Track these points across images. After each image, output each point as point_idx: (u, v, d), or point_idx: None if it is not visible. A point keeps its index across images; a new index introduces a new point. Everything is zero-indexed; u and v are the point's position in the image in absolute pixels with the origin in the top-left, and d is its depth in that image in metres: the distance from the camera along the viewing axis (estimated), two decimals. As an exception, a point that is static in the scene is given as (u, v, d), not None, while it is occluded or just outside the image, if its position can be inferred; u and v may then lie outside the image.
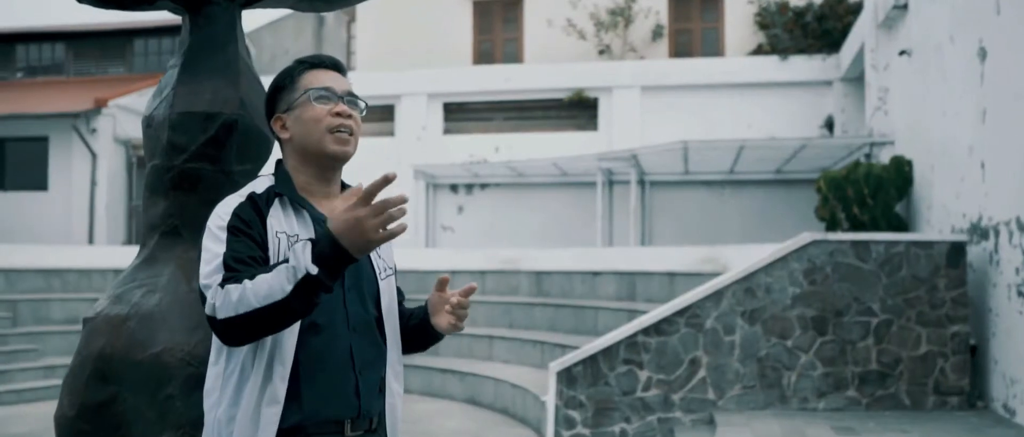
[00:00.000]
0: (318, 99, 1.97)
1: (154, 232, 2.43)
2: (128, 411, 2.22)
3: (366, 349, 1.98)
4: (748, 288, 7.84)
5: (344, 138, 1.98)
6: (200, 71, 2.41)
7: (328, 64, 2.05)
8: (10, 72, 21.00)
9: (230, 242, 1.83)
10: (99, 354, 2.22)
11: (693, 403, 7.76)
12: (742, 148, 12.89)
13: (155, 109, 2.41)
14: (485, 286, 13.44)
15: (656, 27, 17.28)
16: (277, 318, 1.72)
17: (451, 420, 9.63)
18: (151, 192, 2.43)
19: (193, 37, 2.46)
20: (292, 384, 1.86)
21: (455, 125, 17.37)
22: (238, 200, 1.93)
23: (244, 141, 2.40)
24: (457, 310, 2.05)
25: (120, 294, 2.37)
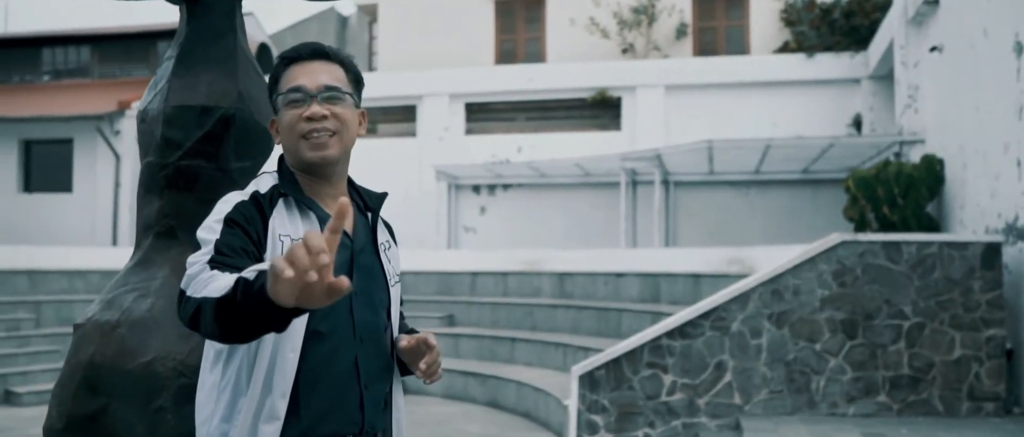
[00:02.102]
0: (289, 103, 1.82)
1: (148, 233, 2.31)
2: (118, 423, 2.10)
3: (373, 360, 1.84)
4: (775, 290, 7.64)
5: (319, 142, 1.80)
6: (196, 63, 2.28)
7: (305, 55, 1.86)
8: (36, 75, 21.15)
9: (224, 233, 1.69)
10: (89, 363, 2.11)
11: (719, 408, 7.57)
12: (768, 147, 12.67)
13: (149, 103, 2.29)
14: (507, 287, 13.32)
15: (680, 25, 17.07)
16: (227, 313, 1.47)
17: (472, 424, 9.50)
18: (145, 191, 2.31)
19: (189, 27, 2.34)
20: (292, 397, 1.72)
21: (477, 125, 17.26)
22: (240, 197, 1.80)
23: (243, 136, 2.27)
24: (428, 369, 1.88)
25: (111, 299, 2.25)
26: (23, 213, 18.18)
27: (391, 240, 2.01)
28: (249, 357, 1.71)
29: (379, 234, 1.93)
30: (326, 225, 1.39)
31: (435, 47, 18.24)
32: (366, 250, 1.88)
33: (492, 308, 12.76)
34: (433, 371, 1.87)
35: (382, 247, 1.92)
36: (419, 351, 1.86)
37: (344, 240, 1.82)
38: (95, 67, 20.67)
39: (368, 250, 1.89)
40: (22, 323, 12.12)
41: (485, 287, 13.52)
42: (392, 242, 2.01)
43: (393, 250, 1.99)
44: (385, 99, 17.41)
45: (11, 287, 12.66)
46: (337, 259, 1.77)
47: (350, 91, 1.87)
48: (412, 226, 16.51)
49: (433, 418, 9.73)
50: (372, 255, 1.89)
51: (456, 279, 13.72)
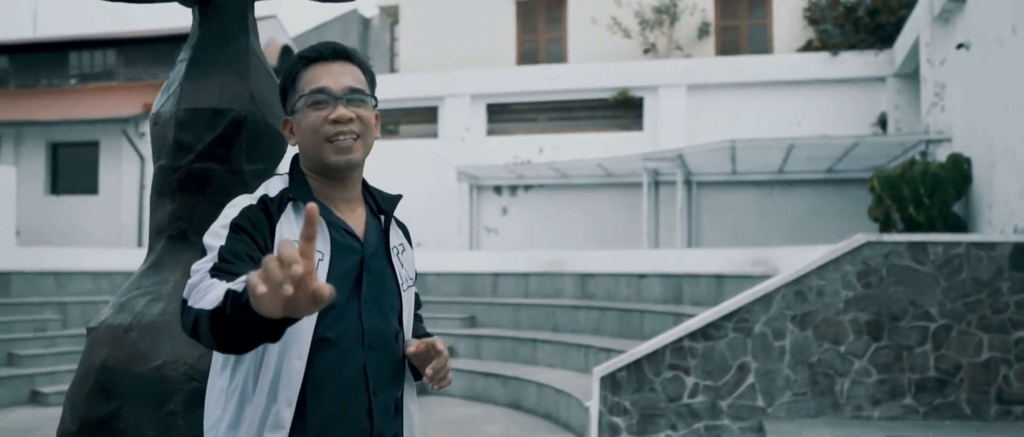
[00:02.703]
0: (312, 105, 1.77)
1: (161, 236, 2.30)
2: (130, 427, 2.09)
3: (383, 367, 1.80)
4: (799, 291, 7.56)
5: (344, 146, 1.77)
6: (208, 65, 2.26)
7: (327, 56, 1.81)
8: (64, 79, 21.40)
9: (230, 239, 1.66)
10: (101, 366, 2.10)
11: (741, 410, 7.50)
12: (792, 147, 12.55)
13: (162, 106, 2.28)
14: (529, 288, 13.29)
15: (702, 24, 16.96)
16: (219, 326, 1.44)
17: (493, 425, 9.48)
18: (158, 194, 2.30)
19: (201, 30, 2.32)
20: (298, 404, 1.69)
21: (499, 126, 17.24)
22: (248, 201, 1.76)
23: (255, 139, 2.26)
24: (435, 375, 1.83)
25: (124, 302, 2.25)
26: (50, 215, 18.39)
27: (406, 243, 1.96)
28: (255, 364, 1.69)
29: (392, 237, 1.89)
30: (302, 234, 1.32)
31: (457, 48, 18.25)
32: (377, 254, 1.84)
33: (514, 309, 12.73)
34: (441, 377, 1.83)
35: (395, 251, 1.88)
36: (427, 356, 1.82)
37: (354, 244, 1.79)
38: (121, 70, 20.88)
39: (379, 254, 1.85)
40: (49, 324, 12.25)
41: (507, 288, 13.50)
42: (407, 245, 1.96)
43: (407, 253, 1.94)
44: (407, 100, 17.45)
45: (38, 288, 12.80)
46: (347, 263, 1.75)
47: (370, 93, 1.84)
48: (434, 227, 16.52)
49: (454, 419, 9.72)
50: (383, 259, 1.85)
51: (478, 280, 13.71)
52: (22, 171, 18.00)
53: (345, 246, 1.77)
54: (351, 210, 1.86)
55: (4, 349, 11.32)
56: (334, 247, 1.75)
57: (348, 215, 1.84)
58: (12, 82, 21.70)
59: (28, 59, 21.58)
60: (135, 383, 2.09)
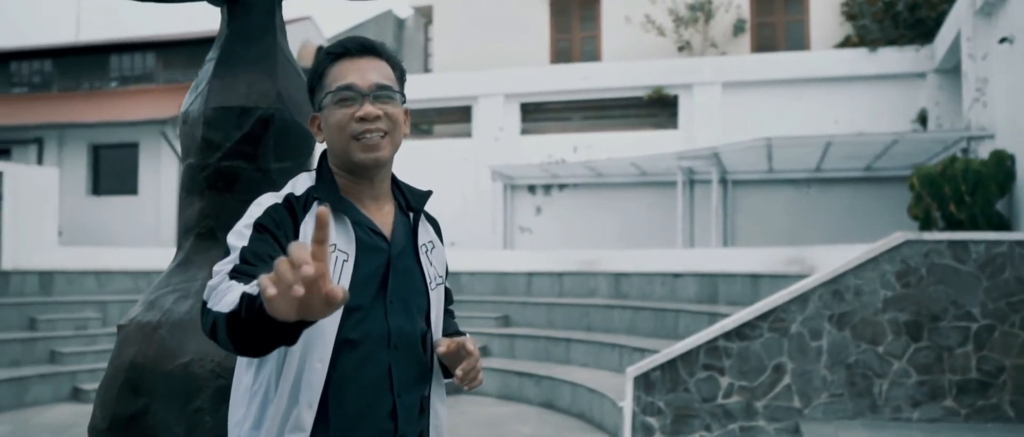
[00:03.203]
0: (339, 102, 1.75)
1: (189, 234, 2.31)
2: (158, 424, 2.11)
3: (408, 368, 1.77)
4: (836, 291, 7.45)
5: (372, 143, 1.74)
6: (236, 64, 2.27)
7: (354, 51, 1.78)
8: (105, 82, 21.76)
9: (252, 239, 1.64)
10: (131, 364, 2.12)
11: (777, 411, 7.41)
12: (829, 145, 12.37)
13: (190, 105, 2.29)
14: (563, 288, 13.26)
15: (737, 21, 16.79)
16: (235, 329, 1.42)
17: (526, 425, 9.46)
18: (186, 192, 2.31)
19: (230, 29, 2.33)
20: (322, 405, 1.67)
21: (533, 125, 17.22)
22: (273, 200, 1.73)
23: (282, 137, 2.26)
24: (466, 376, 1.78)
25: (153, 300, 2.27)
26: (91, 215, 18.72)
27: (436, 239, 1.93)
28: (278, 364, 1.68)
29: (421, 235, 1.86)
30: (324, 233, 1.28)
31: (490, 47, 18.25)
32: (404, 253, 1.81)
33: (548, 308, 12.70)
34: (472, 378, 1.78)
35: (423, 248, 1.85)
36: (458, 356, 1.78)
37: (380, 244, 1.76)
38: (160, 73, 21.18)
39: (407, 253, 1.82)
40: (89, 322, 12.45)
41: (541, 287, 13.48)
42: (437, 241, 1.93)
43: (437, 250, 1.91)
44: (440, 100, 17.49)
45: (79, 287, 13.02)
46: (373, 263, 1.73)
47: (399, 89, 1.81)
48: (468, 227, 16.55)
49: (487, 419, 9.72)
50: (411, 258, 1.82)
51: (511, 279, 13.70)
52: (65, 172, 18.34)
53: (371, 246, 1.75)
54: (379, 208, 1.83)
55: (47, 347, 11.53)
56: (359, 247, 1.73)
57: (376, 213, 1.82)
58: (55, 85, 22.12)
59: (70, 62, 21.99)
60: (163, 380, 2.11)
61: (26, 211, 12.99)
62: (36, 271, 12.73)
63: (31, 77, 22.50)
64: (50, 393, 10.78)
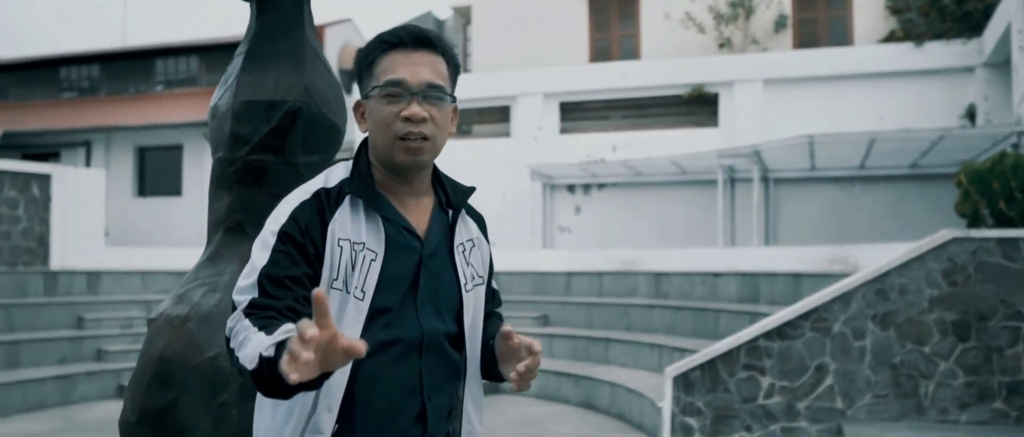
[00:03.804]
0: (386, 97, 1.67)
1: (218, 228, 2.32)
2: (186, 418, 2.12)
3: (439, 369, 1.72)
4: (880, 290, 7.29)
5: (413, 146, 1.67)
6: (264, 58, 2.27)
7: (408, 42, 1.69)
8: (150, 85, 22.16)
9: (274, 254, 1.61)
10: (160, 357, 2.13)
11: (819, 412, 7.28)
12: (873, 141, 12.14)
13: (219, 99, 2.30)
14: (602, 287, 13.19)
15: (779, 17, 16.57)
16: (262, 384, 1.47)
17: (564, 425, 9.42)
18: (215, 187, 2.32)
19: (258, 23, 2.33)
20: (346, 407, 1.64)
21: (572, 124, 17.16)
22: (302, 197, 1.69)
23: (309, 130, 2.25)
24: (523, 377, 1.68)
25: (183, 294, 2.28)
26: (137, 216, 19.07)
27: (478, 238, 1.86)
28: None
29: (459, 233, 1.79)
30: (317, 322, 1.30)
31: (529, 47, 18.23)
32: (438, 252, 1.75)
33: (587, 308, 12.64)
34: (528, 378, 1.68)
35: (460, 248, 1.78)
36: (519, 354, 1.68)
37: (412, 243, 1.71)
38: (203, 76, 21.51)
39: (441, 252, 1.75)
40: (135, 321, 12.66)
41: (580, 287, 13.42)
42: (478, 240, 1.86)
43: (476, 250, 1.83)
44: (480, 100, 17.50)
45: (125, 286, 13.25)
46: (404, 262, 1.68)
47: (450, 90, 1.74)
48: (507, 226, 16.54)
49: (526, 418, 9.69)
50: (444, 257, 1.76)
51: (551, 279, 13.66)
52: (111, 174, 18.70)
53: (402, 245, 1.70)
54: (416, 204, 1.77)
55: (93, 345, 11.75)
56: (389, 245, 1.68)
57: (412, 209, 1.76)
58: (103, 89, 22.58)
59: (117, 67, 22.44)
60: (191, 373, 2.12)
61: (74, 212, 13.26)
62: (83, 271, 12.98)
63: (80, 82, 23.00)
64: (97, 390, 10.98)
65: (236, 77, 2.27)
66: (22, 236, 12.64)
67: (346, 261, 1.63)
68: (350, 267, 1.63)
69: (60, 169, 13.36)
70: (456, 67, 1.79)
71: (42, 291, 12.41)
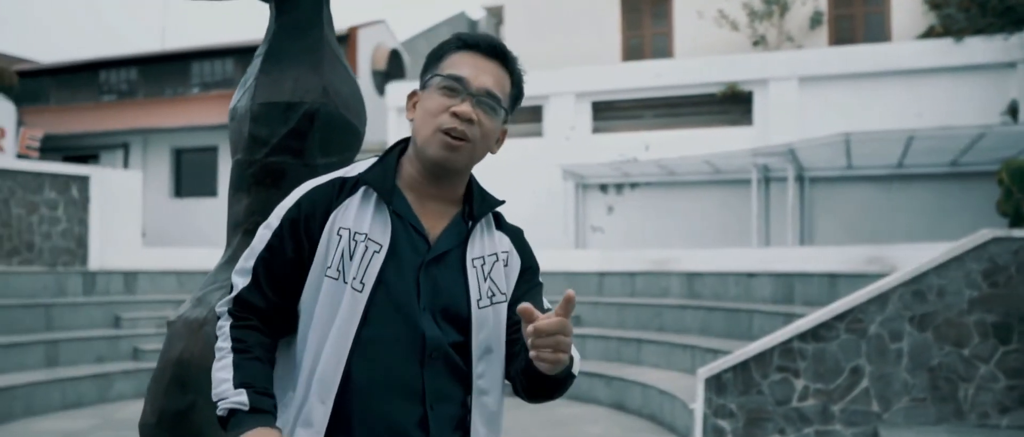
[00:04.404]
0: (442, 89, 1.66)
1: (237, 231, 2.31)
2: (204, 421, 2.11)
3: (442, 378, 1.65)
4: (917, 291, 7.15)
5: (452, 144, 1.64)
6: (283, 59, 2.26)
7: (483, 48, 1.70)
8: (187, 88, 22.45)
9: (273, 238, 1.67)
10: (178, 360, 2.12)
11: (855, 415, 7.15)
12: (911, 139, 11.92)
13: (238, 101, 2.28)
14: (635, 288, 13.10)
15: (814, 14, 16.34)
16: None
17: (595, 426, 9.36)
18: (235, 188, 2.31)
19: (277, 24, 2.32)
20: (342, 408, 1.60)
21: (604, 124, 17.07)
22: (317, 183, 1.71)
23: (328, 131, 2.23)
24: (537, 340, 1.47)
25: (201, 297, 2.27)
26: (173, 217, 19.32)
27: (506, 255, 1.76)
28: (297, 357, 1.67)
29: (475, 247, 1.72)
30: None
31: (561, 46, 18.17)
32: (446, 261, 1.69)
33: (619, 309, 12.57)
34: (549, 346, 1.47)
35: (476, 261, 1.71)
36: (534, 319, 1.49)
37: (419, 244, 1.67)
38: (238, 78, 21.74)
39: (450, 262, 1.69)
40: (171, 321, 12.82)
41: (612, 287, 13.35)
42: (506, 258, 1.76)
43: (501, 267, 1.73)
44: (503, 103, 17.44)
45: (161, 286, 13.43)
46: (408, 262, 1.65)
47: (506, 106, 1.73)
48: (539, 226, 16.49)
49: (557, 419, 9.65)
50: (454, 268, 1.69)
51: (583, 279, 13.59)
52: (148, 175, 18.95)
53: (408, 243, 1.66)
54: (438, 209, 1.73)
55: (130, 344, 11.92)
56: (396, 240, 1.65)
57: (430, 213, 1.71)
58: (141, 92, 22.92)
59: (155, 69, 22.76)
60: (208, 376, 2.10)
61: (111, 213, 13.46)
62: (120, 271, 13.17)
63: (119, 85, 23.37)
64: (133, 389, 11.13)
65: (255, 78, 2.26)
66: (62, 237, 12.86)
67: (342, 249, 1.62)
68: (347, 256, 1.62)
69: (98, 171, 13.57)
70: (519, 92, 1.79)
71: (81, 291, 12.62)
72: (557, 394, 1.68)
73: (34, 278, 12.09)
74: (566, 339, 1.48)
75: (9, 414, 9.51)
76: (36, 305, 11.54)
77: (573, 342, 1.55)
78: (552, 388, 1.65)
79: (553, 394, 1.67)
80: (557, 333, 1.46)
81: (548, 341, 1.46)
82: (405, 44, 25.28)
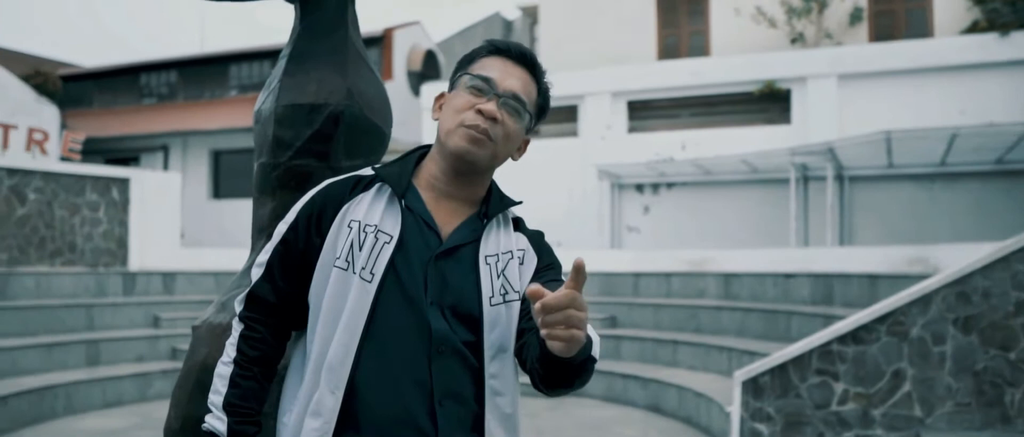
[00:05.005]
0: (470, 88, 1.71)
1: (262, 234, 2.28)
2: (227, 427, 2.10)
3: (452, 375, 1.63)
4: (962, 292, 6.97)
5: (474, 137, 1.67)
6: (307, 60, 2.23)
7: (513, 54, 1.75)
8: (225, 90, 22.71)
9: (286, 239, 1.73)
10: (202, 365, 2.10)
11: (896, 420, 6.99)
12: (954, 137, 11.66)
13: (262, 103, 2.26)
14: (671, 288, 12.98)
15: (854, 10, 16.06)
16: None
17: (630, 428, 9.27)
18: (259, 192, 2.28)
19: (302, 25, 2.29)
20: (351, 399, 1.60)
21: (640, 123, 16.95)
22: (331, 181, 1.78)
23: (352, 134, 2.20)
24: (547, 317, 1.36)
25: (226, 301, 2.25)
26: (212, 218, 19.53)
27: (522, 254, 1.75)
28: (303, 341, 1.72)
29: (489, 244, 1.71)
30: None
31: (596, 45, 18.07)
32: (458, 257, 1.68)
33: (655, 309, 12.45)
34: (560, 322, 1.36)
35: (490, 259, 1.69)
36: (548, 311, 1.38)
37: (430, 239, 1.68)
38: (275, 80, 21.92)
39: (462, 258, 1.69)
40: (209, 321, 12.95)
41: (648, 288, 13.23)
42: (521, 256, 1.74)
43: (516, 264, 1.71)
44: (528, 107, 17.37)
45: (199, 286, 13.57)
46: (417, 256, 1.66)
47: (531, 112, 1.76)
48: (575, 227, 16.43)
49: (591, 421, 9.58)
50: (465, 264, 1.68)
51: (618, 280, 13.50)
52: (187, 177, 19.18)
53: (419, 237, 1.67)
54: (453, 208, 1.74)
55: (169, 344, 12.05)
56: (405, 233, 1.66)
57: (444, 211, 1.72)
58: (180, 95, 23.23)
59: (194, 72, 23.06)
60: (231, 383, 2.10)
61: (151, 215, 13.63)
62: (160, 272, 13.34)
63: (159, 88, 23.70)
64: (171, 388, 11.21)
65: (279, 80, 2.23)
66: (103, 238, 13.05)
67: (351, 240, 1.65)
68: (357, 247, 1.64)
69: (138, 173, 13.75)
70: (545, 102, 1.82)
71: (121, 291, 12.79)
72: (577, 381, 1.54)
73: (76, 278, 12.28)
74: (579, 314, 1.36)
75: (51, 412, 9.66)
76: (77, 305, 11.72)
77: (589, 319, 1.43)
78: (571, 375, 1.51)
79: (573, 381, 1.53)
80: (567, 307, 1.35)
81: (558, 317, 1.35)
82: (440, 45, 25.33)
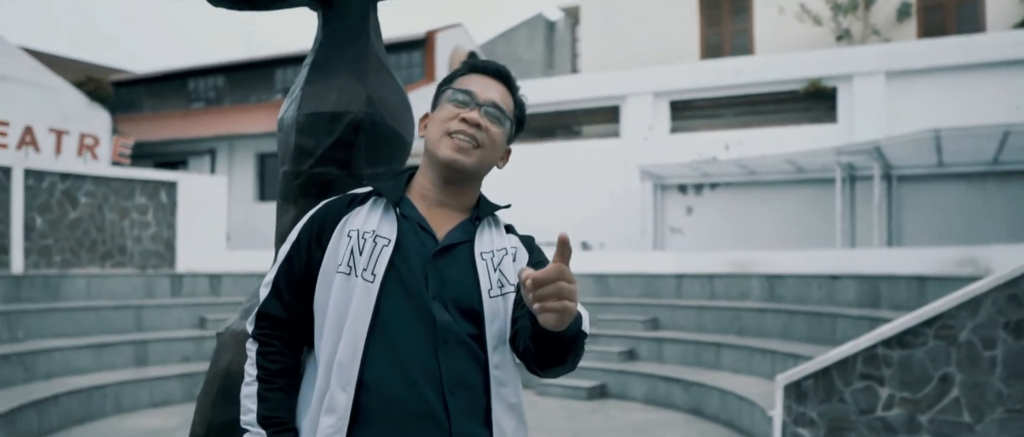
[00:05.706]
0: (453, 101, 1.84)
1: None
2: (250, 434, 2.12)
3: (459, 364, 1.70)
4: (1013, 295, 6.77)
5: (461, 145, 1.80)
6: (329, 68, 2.24)
7: (490, 71, 1.91)
8: (270, 94, 23.03)
9: (290, 256, 1.81)
10: (225, 371, 2.12)
11: (944, 426, 6.82)
12: (1007, 134, 11.37)
13: (285, 112, 2.28)
14: (714, 290, 12.84)
15: (902, 6, 15.77)
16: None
17: (672, 432, 9.18)
18: (282, 200, 2.30)
19: (324, 33, 2.30)
20: (362, 395, 1.66)
21: (682, 123, 16.81)
22: (329, 200, 1.88)
23: (373, 141, 2.21)
24: (538, 292, 1.44)
25: (249, 308, 2.27)
26: (258, 219, 19.80)
27: (514, 251, 1.86)
28: (316, 353, 1.76)
29: (483, 242, 1.82)
30: None
31: (638, 45, 17.97)
32: (455, 255, 1.78)
33: (698, 311, 12.33)
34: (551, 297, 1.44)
35: (484, 255, 1.80)
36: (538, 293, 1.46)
37: (427, 240, 1.78)
38: (320, 83, 22.16)
39: (459, 256, 1.79)
40: (254, 322, 13.12)
41: (691, 290, 13.10)
42: (518, 251, 1.87)
43: (507, 260, 1.82)
44: (588, 100, 17.36)
45: (244, 288, 13.76)
46: (416, 256, 1.75)
47: (511, 118, 1.90)
48: (617, 228, 16.34)
49: (633, 424, 9.51)
50: (463, 260, 1.78)
51: (661, 281, 13.39)
52: (233, 180, 19.47)
53: (415, 239, 1.77)
54: (445, 215, 1.85)
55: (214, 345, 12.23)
56: (402, 236, 1.76)
57: (437, 216, 1.84)
58: (227, 99, 23.60)
59: (241, 76, 23.41)
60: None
61: (198, 217, 13.87)
62: (206, 273, 13.56)
63: (207, 93, 24.12)
64: (217, 389, 11.42)
65: (301, 88, 2.24)
66: (151, 240, 13.31)
67: (351, 247, 1.74)
68: (357, 253, 1.73)
69: (185, 176, 13.99)
70: (521, 114, 1.95)
71: (169, 292, 13.03)
72: (570, 358, 1.64)
73: (125, 280, 12.53)
74: (568, 286, 1.45)
75: (101, 411, 9.87)
76: (126, 306, 11.96)
77: (578, 292, 1.48)
78: (564, 349, 1.59)
79: (566, 357, 1.62)
80: (557, 280, 1.44)
81: (549, 290, 1.44)
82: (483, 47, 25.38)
